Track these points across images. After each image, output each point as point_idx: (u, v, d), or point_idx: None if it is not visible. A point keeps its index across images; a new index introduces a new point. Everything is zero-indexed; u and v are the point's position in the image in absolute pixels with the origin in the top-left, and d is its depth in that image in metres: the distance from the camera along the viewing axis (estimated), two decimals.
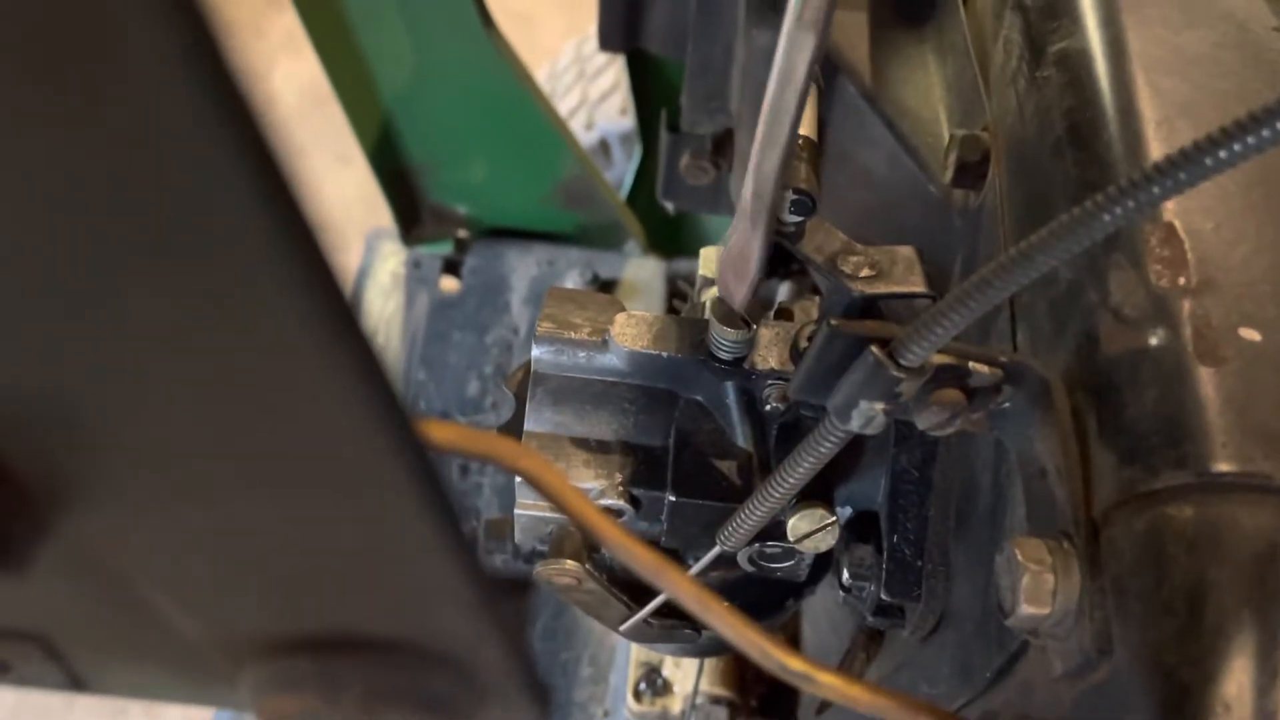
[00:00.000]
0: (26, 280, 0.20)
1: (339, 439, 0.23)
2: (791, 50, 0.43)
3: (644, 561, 0.43)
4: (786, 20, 0.43)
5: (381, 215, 1.60)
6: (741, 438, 0.66)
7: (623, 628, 0.71)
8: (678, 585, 0.44)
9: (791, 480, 0.55)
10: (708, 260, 0.75)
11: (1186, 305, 0.47)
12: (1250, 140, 0.36)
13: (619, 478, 0.65)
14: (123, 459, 0.24)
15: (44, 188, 0.18)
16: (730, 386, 0.65)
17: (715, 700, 1.15)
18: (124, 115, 0.17)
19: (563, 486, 0.42)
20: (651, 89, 1.73)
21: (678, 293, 1.54)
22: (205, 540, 0.27)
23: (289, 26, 1.69)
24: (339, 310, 0.20)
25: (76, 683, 0.37)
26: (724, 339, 0.63)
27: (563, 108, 1.87)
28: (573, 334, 0.65)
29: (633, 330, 0.65)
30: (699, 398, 0.66)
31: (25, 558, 0.25)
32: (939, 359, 0.47)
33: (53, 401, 0.22)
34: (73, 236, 0.19)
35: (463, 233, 1.62)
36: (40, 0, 0.15)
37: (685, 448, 0.66)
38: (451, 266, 1.60)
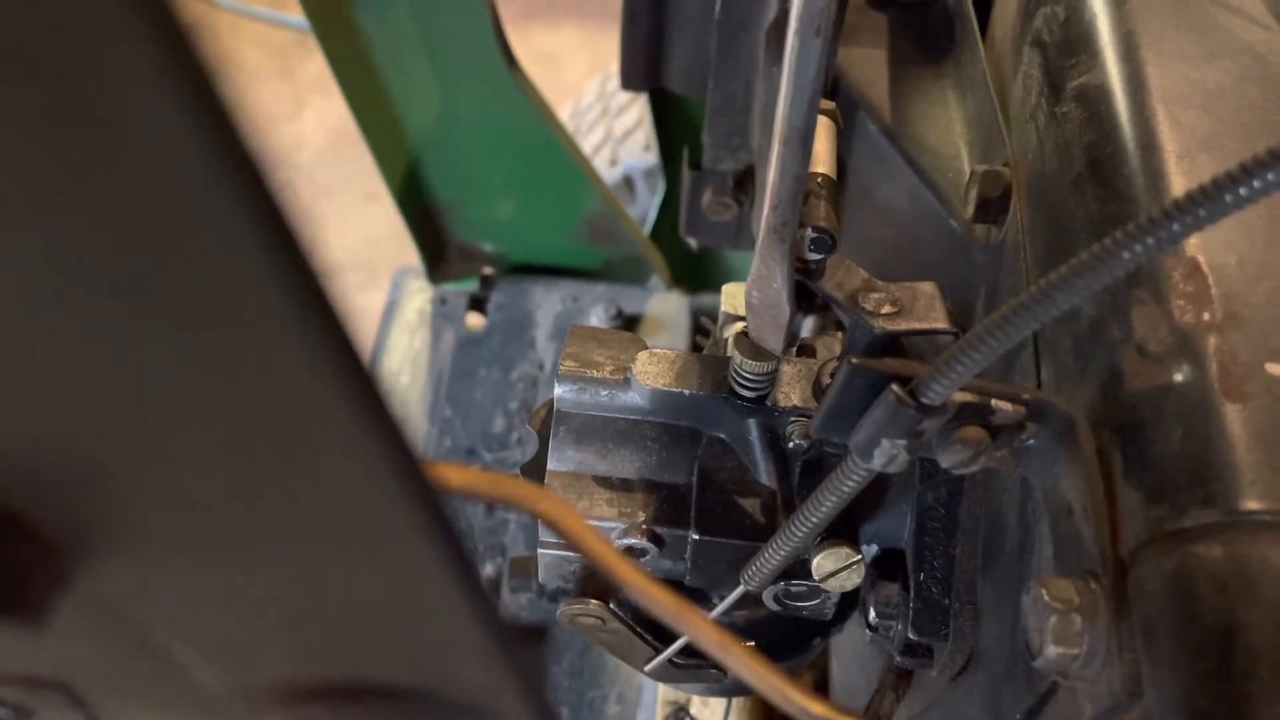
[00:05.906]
0: (44, 339, 0.20)
1: (354, 492, 0.23)
2: (800, 64, 0.43)
3: (665, 605, 0.43)
4: (790, 34, 0.43)
5: (408, 253, 1.62)
6: (765, 475, 0.66)
7: (648, 668, 0.70)
8: (700, 629, 0.44)
9: (815, 518, 0.55)
10: (730, 296, 0.75)
11: (1211, 341, 0.46)
12: (1271, 176, 0.35)
13: (642, 516, 0.65)
14: (142, 514, 0.24)
15: (55, 246, 0.18)
16: (753, 424, 0.65)
17: None
18: (128, 171, 0.17)
19: (582, 529, 0.42)
20: (674, 125, 1.74)
21: (701, 328, 1.54)
22: (223, 591, 0.27)
23: (319, 68, 1.72)
24: (350, 365, 0.20)
25: None
26: (746, 376, 0.63)
27: (587, 145, 1.88)
28: (595, 372, 0.66)
29: (655, 368, 0.65)
30: (721, 435, 0.66)
31: (48, 609, 0.25)
32: (961, 397, 0.47)
33: (75, 459, 0.22)
34: (86, 295, 0.19)
35: (488, 270, 1.63)
36: (40, 56, 0.16)
37: (708, 485, 0.65)
38: (477, 303, 1.61)
